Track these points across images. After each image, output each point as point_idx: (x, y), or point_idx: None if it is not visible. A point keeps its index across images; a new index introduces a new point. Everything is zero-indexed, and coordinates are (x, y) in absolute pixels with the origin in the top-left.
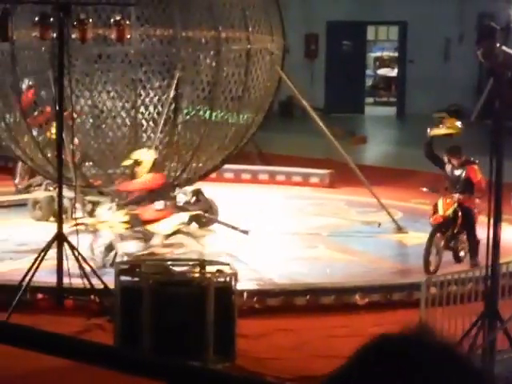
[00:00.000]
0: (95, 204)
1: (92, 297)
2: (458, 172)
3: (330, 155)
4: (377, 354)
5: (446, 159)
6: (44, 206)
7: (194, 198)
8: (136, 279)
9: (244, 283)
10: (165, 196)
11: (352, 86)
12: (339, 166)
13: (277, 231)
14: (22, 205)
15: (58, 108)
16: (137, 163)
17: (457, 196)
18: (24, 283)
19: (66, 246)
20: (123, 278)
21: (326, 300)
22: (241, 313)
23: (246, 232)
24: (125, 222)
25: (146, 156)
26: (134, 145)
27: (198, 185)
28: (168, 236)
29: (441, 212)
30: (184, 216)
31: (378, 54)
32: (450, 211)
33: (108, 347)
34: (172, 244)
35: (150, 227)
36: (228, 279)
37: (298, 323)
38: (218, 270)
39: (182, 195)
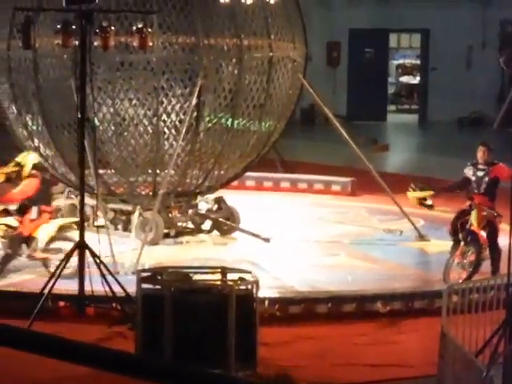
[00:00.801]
0: (117, 212)
1: (114, 304)
2: (481, 173)
3: (352, 163)
4: None
5: (469, 164)
6: (66, 213)
7: (216, 206)
8: (158, 287)
9: (265, 291)
10: (44, 200)
11: (374, 93)
12: (361, 174)
13: (298, 239)
14: None
15: (80, 115)
16: (19, 166)
17: (491, 212)
18: (46, 291)
19: (87, 253)
20: (145, 285)
21: (348, 308)
22: (262, 320)
23: (267, 240)
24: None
25: (28, 159)
26: (156, 152)
27: (220, 192)
28: (48, 242)
29: (475, 224)
30: (59, 221)
31: (401, 61)
32: (482, 224)
33: (129, 355)
34: (50, 249)
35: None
36: (249, 287)
37: (319, 331)
38: (240, 278)
39: (204, 203)
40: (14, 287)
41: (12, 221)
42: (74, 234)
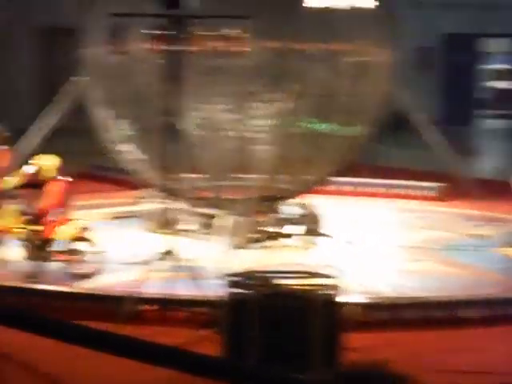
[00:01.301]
0: (204, 216)
1: (200, 308)
2: None
3: (441, 168)
4: None
5: None
6: (154, 217)
7: (302, 211)
8: (243, 291)
9: (350, 296)
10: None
11: (467, 98)
12: (450, 179)
13: (383, 244)
14: (133, 216)
15: (170, 120)
16: (40, 169)
17: None
18: (134, 294)
19: (175, 257)
20: (231, 289)
21: (434, 313)
22: (346, 326)
23: (351, 244)
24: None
25: (48, 162)
26: (244, 157)
27: (306, 197)
28: (67, 244)
29: None
30: (79, 223)
31: (495, 66)
32: None
33: (215, 359)
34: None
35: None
36: (334, 292)
37: (405, 337)
38: (324, 283)
39: (291, 207)
40: (100, 290)
41: (34, 226)
42: (93, 235)
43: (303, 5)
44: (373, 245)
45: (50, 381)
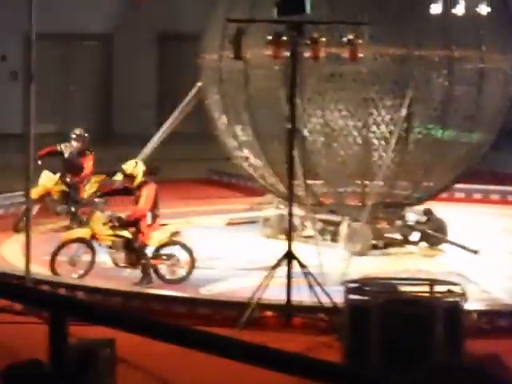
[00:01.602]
0: (325, 222)
1: (320, 315)
2: None
3: None
4: None
5: None
6: (274, 223)
7: (425, 218)
8: (365, 298)
9: (473, 303)
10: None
11: None
12: None
13: (508, 252)
14: (253, 222)
15: (289, 126)
16: (129, 177)
17: None
18: (253, 300)
19: (295, 263)
20: (352, 296)
21: None
22: (469, 333)
23: (476, 252)
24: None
25: (139, 168)
26: (364, 163)
27: (429, 204)
28: (159, 248)
29: None
30: (171, 227)
31: None
32: None
33: (336, 365)
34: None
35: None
36: (457, 299)
37: None
38: (448, 290)
39: (413, 214)
40: (220, 296)
41: (124, 232)
42: (185, 239)
43: (424, 11)
44: (497, 252)
45: None
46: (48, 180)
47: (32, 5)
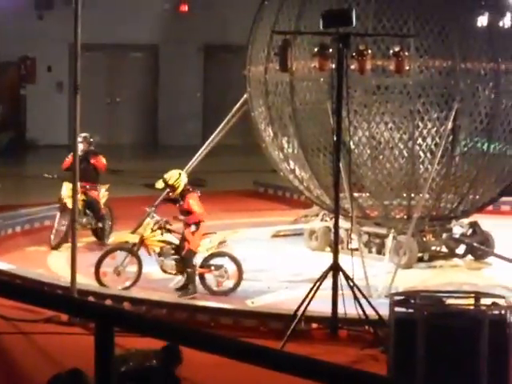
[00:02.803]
0: (371, 235)
1: (366, 327)
2: None
3: None
4: None
5: None
6: (320, 236)
7: (471, 231)
8: (411, 310)
9: None
10: None
11: None
12: None
13: None
14: (298, 234)
15: (336, 139)
16: (170, 186)
17: None
18: (299, 312)
19: (341, 276)
20: (398, 309)
21: None
22: None
23: None
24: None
25: (181, 179)
26: (410, 176)
27: (475, 217)
28: (208, 258)
29: None
30: (218, 237)
31: None
32: None
33: (382, 378)
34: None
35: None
36: (503, 312)
37: None
38: (493, 303)
39: (459, 227)
40: (267, 308)
41: (171, 237)
42: (231, 249)
43: (470, 23)
44: None
45: None
46: (69, 191)
47: (78, 15)
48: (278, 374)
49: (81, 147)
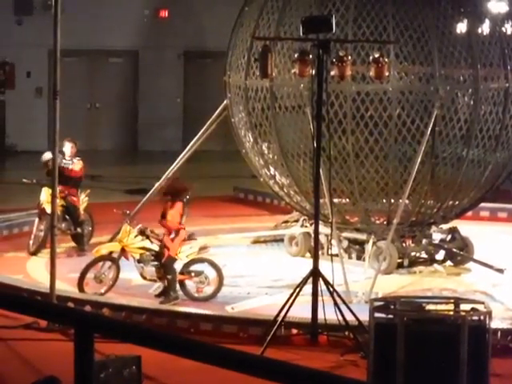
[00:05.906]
0: (351, 241)
1: (346, 333)
2: None
3: None
4: None
5: None
6: (300, 241)
7: (450, 236)
8: (390, 316)
9: (498, 322)
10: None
11: None
12: None
13: None
14: (278, 240)
15: (315, 145)
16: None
17: None
18: (279, 318)
19: (321, 281)
20: (377, 314)
21: None
22: (495, 352)
23: (501, 271)
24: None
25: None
26: (390, 182)
27: (454, 223)
28: (188, 264)
29: None
30: (198, 243)
31: None
32: None
33: (362, 383)
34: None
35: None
36: (482, 318)
37: None
38: (473, 309)
39: (438, 233)
40: (246, 314)
41: (150, 244)
42: (211, 255)
43: (450, 29)
44: None
45: None
46: (47, 196)
47: (57, 21)
48: (258, 379)
49: (68, 153)
